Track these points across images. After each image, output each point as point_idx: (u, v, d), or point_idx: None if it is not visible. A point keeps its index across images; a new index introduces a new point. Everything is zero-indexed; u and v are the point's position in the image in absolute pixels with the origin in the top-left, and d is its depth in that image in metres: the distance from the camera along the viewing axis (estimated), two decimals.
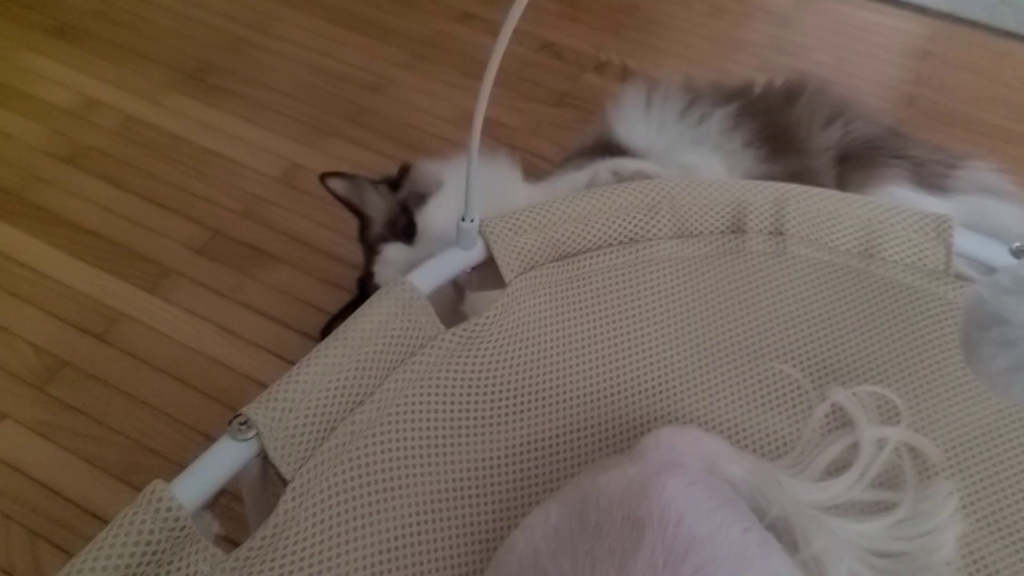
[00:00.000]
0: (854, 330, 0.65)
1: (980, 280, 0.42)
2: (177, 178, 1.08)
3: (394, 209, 0.84)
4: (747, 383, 0.64)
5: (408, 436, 0.56)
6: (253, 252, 1.01)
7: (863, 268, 0.67)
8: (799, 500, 0.57)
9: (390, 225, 0.83)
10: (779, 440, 0.62)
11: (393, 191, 0.87)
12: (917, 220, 0.67)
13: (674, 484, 0.50)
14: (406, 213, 0.82)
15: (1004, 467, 0.60)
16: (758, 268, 0.66)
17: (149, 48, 1.28)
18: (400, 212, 0.83)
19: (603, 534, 0.48)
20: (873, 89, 1.33)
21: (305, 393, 0.52)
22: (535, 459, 0.60)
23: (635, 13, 1.45)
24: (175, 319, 0.93)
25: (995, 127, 1.27)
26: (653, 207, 0.66)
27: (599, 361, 0.63)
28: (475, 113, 0.54)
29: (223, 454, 0.49)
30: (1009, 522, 0.59)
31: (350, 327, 0.55)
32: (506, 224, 0.62)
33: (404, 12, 1.40)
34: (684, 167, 0.85)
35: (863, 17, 1.48)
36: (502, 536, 0.57)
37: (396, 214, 0.83)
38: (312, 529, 0.50)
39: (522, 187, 0.87)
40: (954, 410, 0.62)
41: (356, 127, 1.18)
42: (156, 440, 0.82)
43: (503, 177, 0.87)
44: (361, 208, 0.87)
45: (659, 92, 0.95)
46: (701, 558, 0.47)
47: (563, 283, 0.64)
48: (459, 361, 0.59)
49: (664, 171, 0.82)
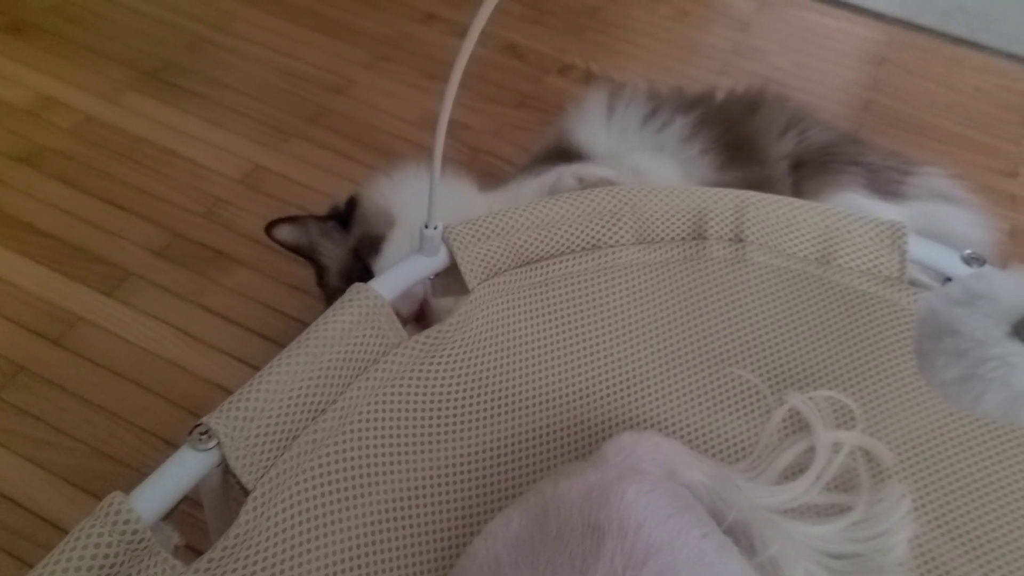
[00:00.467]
0: (811, 335, 0.66)
1: (933, 291, 0.43)
2: (136, 179, 1.07)
3: (346, 258, 0.82)
4: (707, 388, 0.64)
5: (371, 444, 0.56)
6: (214, 254, 1.00)
7: (820, 274, 0.68)
8: (757, 504, 0.58)
9: (344, 276, 0.81)
10: (738, 444, 0.63)
11: (343, 228, 0.85)
12: (873, 227, 0.68)
13: (634, 491, 0.51)
14: (359, 260, 0.80)
15: (955, 469, 0.62)
16: (718, 274, 0.67)
17: (108, 46, 1.26)
18: (353, 261, 0.80)
19: (564, 541, 0.49)
20: (830, 94, 1.35)
21: (266, 402, 0.52)
22: (498, 465, 0.60)
23: (598, 16, 1.46)
24: (134, 323, 0.91)
25: (949, 133, 1.29)
26: (615, 214, 0.66)
27: (562, 366, 0.64)
28: (439, 118, 0.54)
29: (183, 464, 0.49)
30: (960, 523, 0.61)
31: (312, 335, 0.55)
32: (469, 231, 0.62)
33: (367, 13, 1.39)
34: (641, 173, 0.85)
35: (821, 22, 1.50)
36: (465, 543, 0.57)
37: (350, 263, 0.81)
38: (274, 539, 0.50)
39: (477, 197, 0.87)
40: (907, 414, 0.63)
41: (318, 128, 1.17)
42: (115, 446, 0.81)
43: (456, 190, 0.86)
44: (312, 255, 0.85)
45: (622, 98, 0.95)
46: (660, 564, 0.47)
47: (526, 289, 0.64)
48: (422, 368, 0.59)
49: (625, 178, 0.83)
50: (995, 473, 0.62)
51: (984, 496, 0.61)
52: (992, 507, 0.61)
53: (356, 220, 0.84)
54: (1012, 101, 1.36)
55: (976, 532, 0.60)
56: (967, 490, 0.61)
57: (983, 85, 1.39)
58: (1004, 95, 1.37)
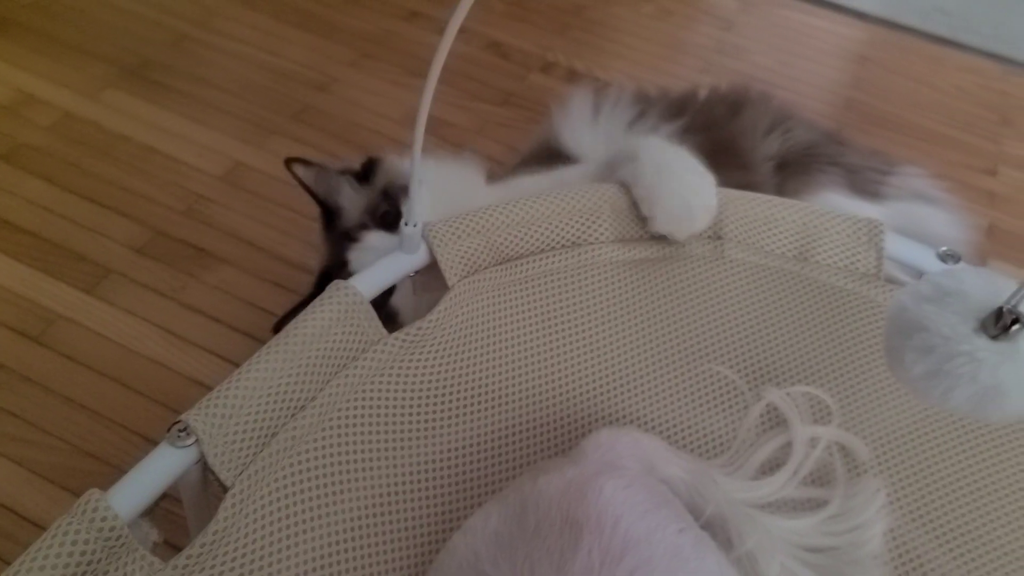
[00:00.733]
0: (789, 332, 0.67)
1: (903, 288, 0.43)
2: (117, 176, 1.06)
3: (374, 198, 0.81)
4: (686, 384, 0.65)
5: (350, 440, 0.56)
6: (195, 252, 0.99)
7: (798, 271, 0.69)
8: (734, 498, 0.58)
9: (370, 213, 0.80)
10: (716, 440, 0.63)
11: (360, 182, 0.85)
12: (850, 225, 0.69)
13: (612, 486, 0.51)
14: (389, 202, 0.79)
15: (930, 463, 0.63)
16: (697, 272, 0.68)
17: (88, 43, 1.26)
18: (382, 200, 0.80)
19: (542, 536, 0.49)
20: (813, 92, 1.36)
21: (245, 399, 0.52)
22: (478, 461, 0.60)
23: (582, 14, 1.46)
24: (115, 320, 0.91)
25: (929, 131, 1.30)
26: (595, 212, 0.67)
27: (541, 363, 0.64)
28: (418, 114, 0.54)
29: (161, 461, 0.49)
30: (936, 515, 0.61)
31: (291, 332, 0.55)
32: (449, 228, 0.62)
33: (350, 10, 1.39)
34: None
35: (804, 21, 1.51)
36: (445, 538, 0.57)
37: (377, 203, 0.80)
38: (253, 535, 0.50)
39: (483, 189, 0.87)
40: (883, 409, 0.64)
41: (301, 126, 1.17)
42: (96, 444, 0.81)
43: (465, 178, 0.86)
44: (329, 197, 0.84)
45: (608, 100, 0.95)
46: (636, 559, 0.48)
47: (506, 286, 0.64)
48: (402, 365, 0.59)
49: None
50: (969, 467, 0.62)
51: (958, 489, 0.62)
52: (966, 499, 0.61)
53: (379, 174, 0.84)
54: (992, 100, 1.37)
55: (951, 524, 0.61)
56: (942, 483, 0.62)
57: (963, 84, 1.40)
58: (984, 94, 1.38)
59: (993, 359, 0.39)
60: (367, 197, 0.83)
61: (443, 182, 0.82)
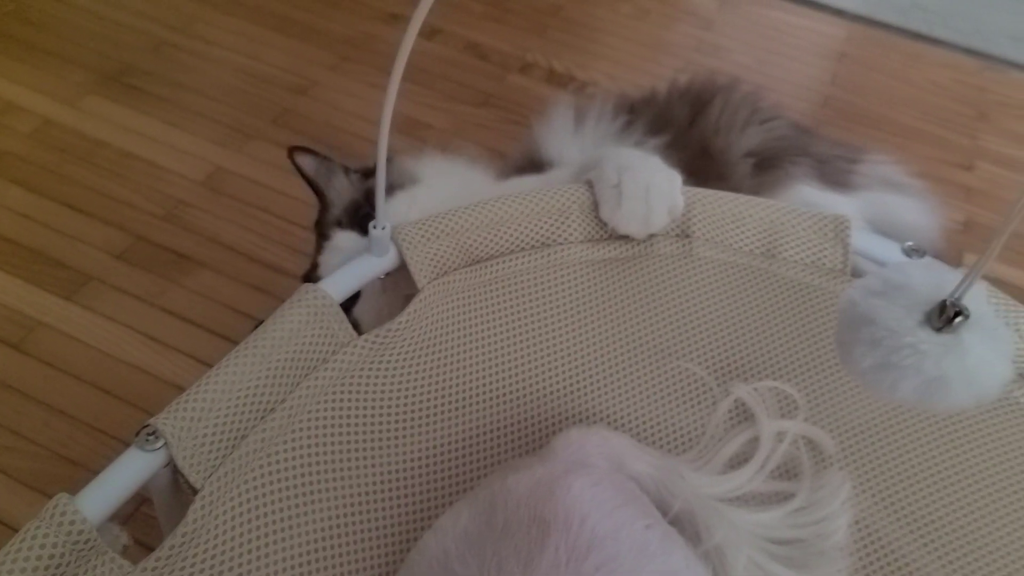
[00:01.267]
0: (757, 328, 0.68)
1: (853, 283, 0.44)
2: (96, 183, 1.07)
3: (358, 197, 0.80)
4: (655, 381, 0.66)
5: (321, 442, 0.56)
6: (175, 257, 1.00)
7: (765, 268, 0.69)
8: (702, 493, 0.59)
9: (349, 211, 0.79)
10: (685, 435, 0.64)
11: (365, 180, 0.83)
12: (817, 221, 0.70)
13: (580, 484, 0.52)
14: (369, 202, 0.77)
15: (896, 452, 0.63)
16: (666, 270, 0.69)
17: (67, 50, 1.26)
18: (364, 200, 0.79)
19: (510, 534, 0.50)
20: (791, 90, 1.37)
21: (214, 402, 0.52)
22: (450, 461, 0.61)
23: (560, 14, 1.47)
24: (94, 326, 0.92)
25: (906, 127, 1.32)
26: (564, 212, 0.67)
27: (512, 363, 0.65)
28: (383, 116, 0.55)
29: (130, 465, 0.49)
30: (903, 504, 0.62)
31: (261, 335, 0.56)
32: (418, 231, 0.63)
33: (329, 14, 1.40)
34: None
35: (782, 19, 1.52)
36: (417, 538, 0.58)
37: (359, 202, 0.79)
38: (222, 537, 0.50)
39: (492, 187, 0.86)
40: (849, 402, 0.65)
41: (280, 129, 1.18)
42: (75, 450, 0.82)
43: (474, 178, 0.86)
44: (325, 190, 0.82)
45: (592, 111, 0.95)
46: (603, 556, 0.48)
47: (476, 287, 0.65)
48: (372, 366, 0.59)
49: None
50: (934, 456, 0.63)
51: (925, 478, 0.63)
52: (931, 488, 0.62)
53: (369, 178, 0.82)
54: (968, 95, 1.38)
55: (918, 512, 0.62)
56: (908, 473, 0.63)
57: (940, 80, 1.41)
58: (960, 89, 1.39)
59: (937, 351, 0.40)
60: (356, 195, 0.82)
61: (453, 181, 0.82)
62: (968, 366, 0.40)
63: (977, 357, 0.40)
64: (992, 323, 0.41)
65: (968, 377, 0.40)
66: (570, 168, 0.83)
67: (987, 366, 0.40)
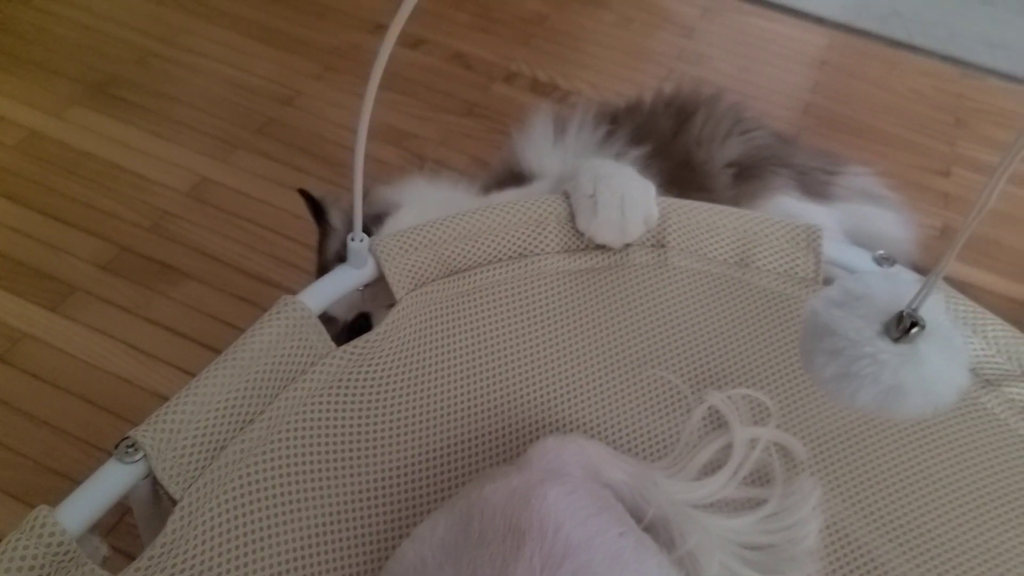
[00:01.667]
0: (730, 336, 0.69)
1: (816, 293, 0.45)
2: (82, 194, 1.08)
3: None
4: (631, 390, 0.67)
5: (300, 453, 0.57)
6: (161, 268, 1.01)
7: (739, 277, 0.71)
8: (676, 500, 0.60)
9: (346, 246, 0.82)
10: (660, 443, 0.65)
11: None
12: (789, 230, 0.71)
13: (555, 493, 0.53)
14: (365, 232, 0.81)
15: (865, 456, 0.65)
16: (641, 280, 0.70)
17: (53, 62, 1.27)
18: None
19: (486, 543, 0.51)
20: (772, 97, 1.38)
21: (194, 414, 0.53)
22: (428, 471, 0.62)
23: (545, 24, 1.48)
24: (80, 338, 0.92)
25: (885, 133, 1.33)
26: (541, 223, 0.68)
27: (490, 373, 0.65)
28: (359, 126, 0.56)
29: (109, 477, 0.50)
30: (873, 507, 0.63)
31: (240, 347, 0.56)
32: (396, 243, 0.64)
33: (315, 24, 1.41)
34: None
35: (764, 27, 1.53)
36: (395, 547, 0.59)
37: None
38: (202, 547, 0.51)
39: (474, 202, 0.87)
40: (819, 408, 0.66)
41: (266, 140, 1.19)
42: (61, 461, 0.82)
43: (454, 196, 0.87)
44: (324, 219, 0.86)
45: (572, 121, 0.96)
46: (576, 563, 0.49)
47: (453, 298, 0.66)
48: (350, 378, 0.60)
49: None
50: (903, 460, 0.64)
51: (892, 481, 0.64)
52: (900, 490, 0.63)
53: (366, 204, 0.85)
54: (946, 102, 1.40)
55: (888, 514, 0.63)
56: (877, 476, 0.64)
57: (919, 87, 1.43)
58: (939, 96, 1.41)
59: (894, 360, 0.41)
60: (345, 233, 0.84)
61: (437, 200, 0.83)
62: (924, 375, 0.41)
63: (933, 367, 0.41)
64: (948, 333, 0.42)
65: (924, 386, 0.41)
66: (550, 181, 0.84)
67: (943, 375, 0.41)
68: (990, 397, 0.66)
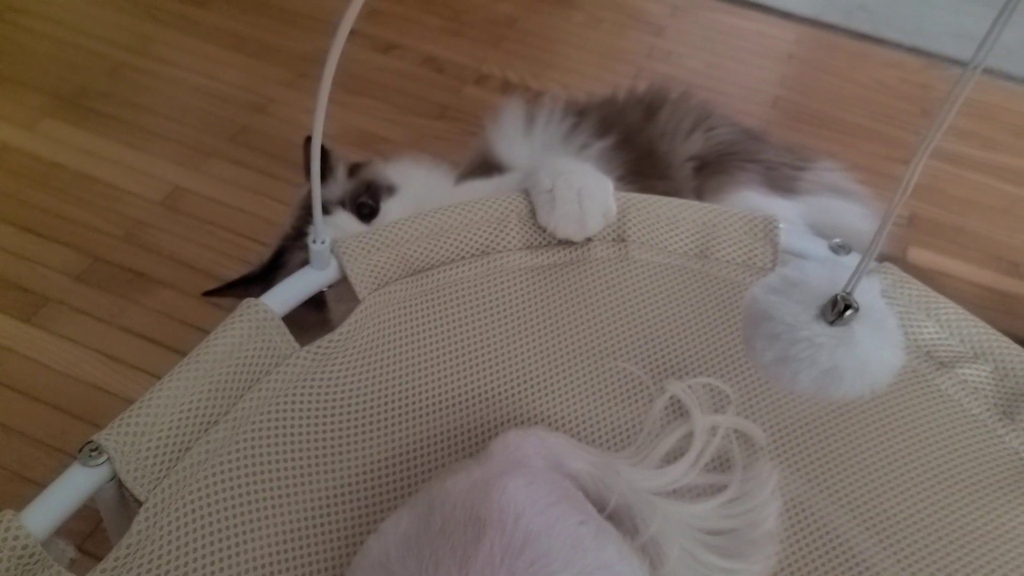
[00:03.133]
0: (690, 326, 0.70)
1: (756, 282, 0.47)
2: (55, 206, 1.08)
3: (359, 187, 0.86)
4: (594, 382, 0.68)
5: (265, 452, 0.58)
6: (135, 276, 1.01)
7: (699, 268, 0.72)
8: (639, 487, 0.61)
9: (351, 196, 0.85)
10: (623, 433, 0.66)
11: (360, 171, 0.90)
12: (747, 222, 0.72)
13: (515, 484, 0.54)
14: (370, 194, 0.84)
15: (822, 437, 0.66)
16: (603, 274, 0.71)
17: (24, 75, 1.27)
18: (364, 191, 0.85)
19: (447, 534, 0.52)
20: (741, 93, 1.40)
21: (158, 416, 0.54)
22: (395, 468, 0.63)
23: (515, 26, 1.49)
24: (54, 348, 0.93)
25: (853, 125, 1.35)
26: (502, 221, 0.70)
27: (454, 369, 0.67)
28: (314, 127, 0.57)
29: (74, 480, 0.51)
30: (835, 485, 0.64)
31: (203, 350, 0.57)
32: (359, 244, 0.65)
33: (286, 31, 1.42)
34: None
35: (732, 24, 1.55)
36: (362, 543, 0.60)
37: (359, 191, 0.85)
38: (168, 547, 0.52)
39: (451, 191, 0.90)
40: (778, 394, 0.67)
41: (238, 147, 1.19)
42: (36, 470, 0.83)
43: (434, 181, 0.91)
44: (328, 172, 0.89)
45: (542, 111, 0.98)
46: (536, 551, 0.50)
47: (416, 297, 0.67)
48: (314, 378, 0.61)
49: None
50: (856, 438, 0.66)
51: (848, 458, 0.65)
52: (856, 467, 0.65)
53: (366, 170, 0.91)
54: (912, 93, 1.42)
55: (845, 489, 0.64)
56: (834, 455, 0.65)
57: (884, 78, 1.45)
58: (904, 87, 1.43)
59: (830, 343, 0.42)
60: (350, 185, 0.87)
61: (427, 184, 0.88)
62: (859, 356, 0.42)
63: (867, 348, 0.42)
64: (882, 315, 0.43)
65: (860, 367, 0.42)
66: (519, 173, 0.86)
67: (877, 356, 0.43)
68: (944, 378, 0.67)
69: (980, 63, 0.38)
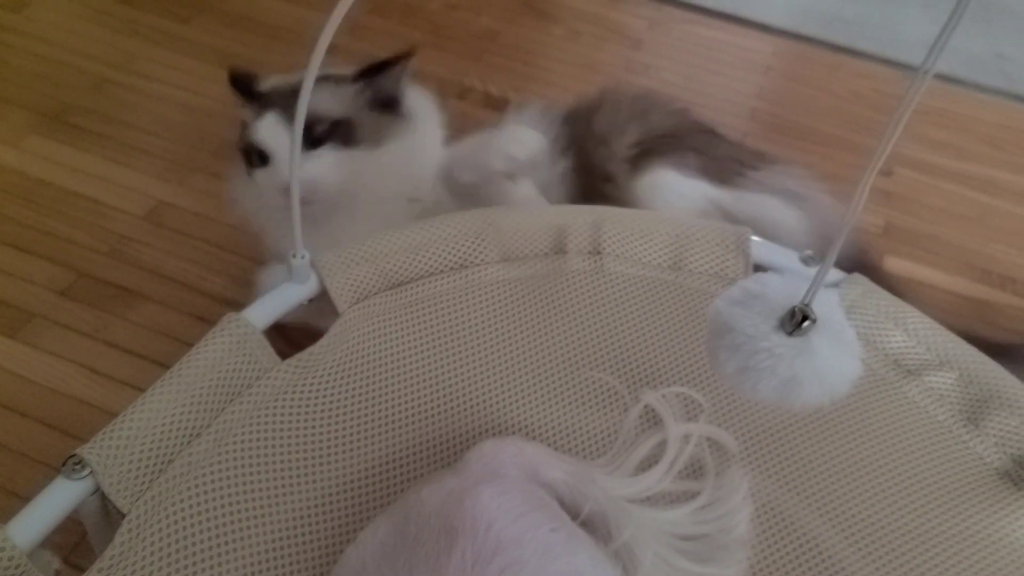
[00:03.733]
0: (664, 337, 0.72)
1: (719, 294, 0.48)
2: (38, 221, 1.09)
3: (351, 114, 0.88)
4: (570, 392, 0.69)
5: (247, 464, 0.59)
6: (119, 291, 1.02)
7: (672, 280, 0.74)
8: (613, 495, 0.63)
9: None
10: (598, 442, 0.68)
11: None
12: (719, 233, 0.74)
13: (488, 494, 0.55)
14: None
15: (793, 444, 0.68)
16: (578, 286, 0.73)
17: (8, 92, 1.28)
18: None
19: (421, 543, 0.53)
20: (719, 105, 1.42)
21: (140, 429, 0.55)
22: (374, 479, 0.64)
23: (497, 40, 1.51)
24: (39, 363, 0.94)
25: (828, 135, 1.37)
26: (480, 234, 0.71)
27: (433, 381, 0.68)
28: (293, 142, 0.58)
29: (57, 493, 0.52)
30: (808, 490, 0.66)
31: (185, 364, 0.59)
32: (338, 258, 0.66)
33: (269, 46, 1.43)
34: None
35: (710, 36, 1.57)
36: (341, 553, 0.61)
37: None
38: (151, 558, 0.53)
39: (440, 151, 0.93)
40: (748, 403, 0.69)
41: (222, 162, 1.20)
42: (22, 485, 0.83)
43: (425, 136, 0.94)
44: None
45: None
46: (507, 559, 0.52)
47: (395, 310, 0.68)
48: (295, 390, 0.63)
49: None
50: (825, 444, 0.67)
51: (818, 463, 0.67)
52: (830, 474, 0.66)
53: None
54: (886, 104, 1.44)
55: (821, 497, 0.66)
56: (806, 462, 0.67)
57: (859, 89, 1.47)
58: (879, 98, 1.46)
59: (789, 353, 0.44)
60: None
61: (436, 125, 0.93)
62: (818, 366, 0.44)
63: (825, 358, 0.44)
64: (839, 326, 0.45)
65: (819, 376, 0.44)
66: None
67: (835, 365, 0.44)
68: (911, 386, 0.69)
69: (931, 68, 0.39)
